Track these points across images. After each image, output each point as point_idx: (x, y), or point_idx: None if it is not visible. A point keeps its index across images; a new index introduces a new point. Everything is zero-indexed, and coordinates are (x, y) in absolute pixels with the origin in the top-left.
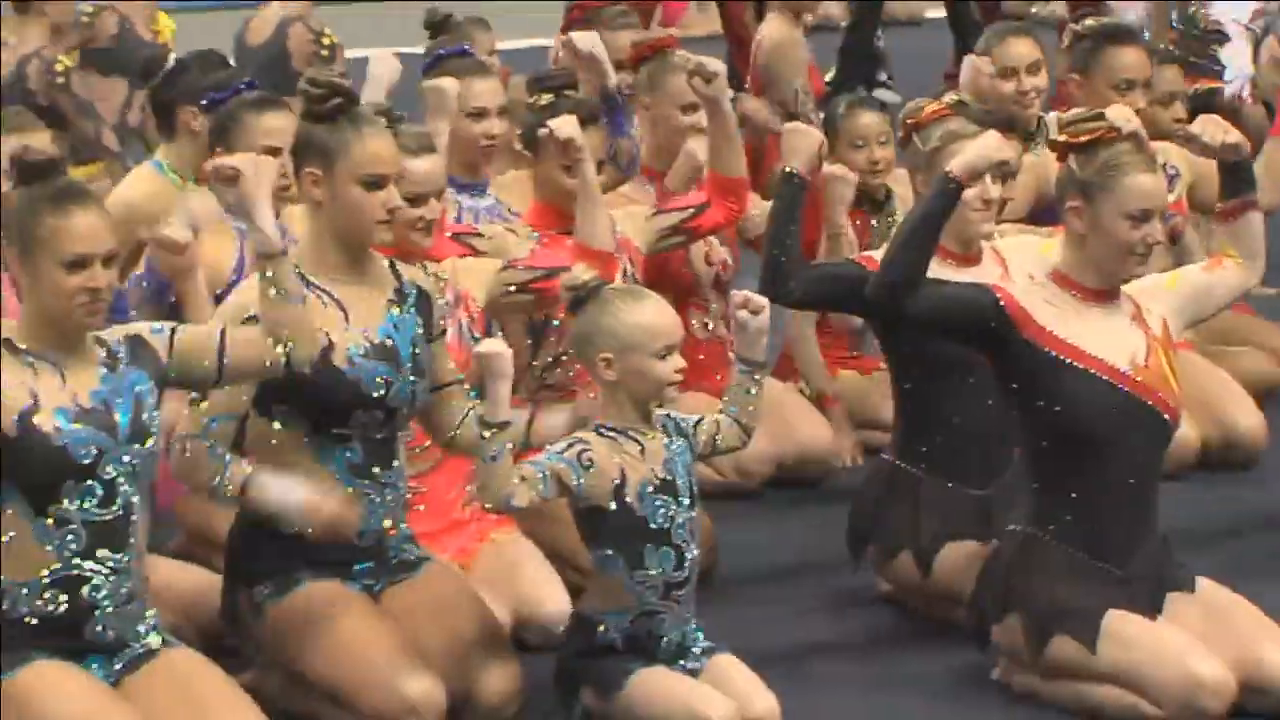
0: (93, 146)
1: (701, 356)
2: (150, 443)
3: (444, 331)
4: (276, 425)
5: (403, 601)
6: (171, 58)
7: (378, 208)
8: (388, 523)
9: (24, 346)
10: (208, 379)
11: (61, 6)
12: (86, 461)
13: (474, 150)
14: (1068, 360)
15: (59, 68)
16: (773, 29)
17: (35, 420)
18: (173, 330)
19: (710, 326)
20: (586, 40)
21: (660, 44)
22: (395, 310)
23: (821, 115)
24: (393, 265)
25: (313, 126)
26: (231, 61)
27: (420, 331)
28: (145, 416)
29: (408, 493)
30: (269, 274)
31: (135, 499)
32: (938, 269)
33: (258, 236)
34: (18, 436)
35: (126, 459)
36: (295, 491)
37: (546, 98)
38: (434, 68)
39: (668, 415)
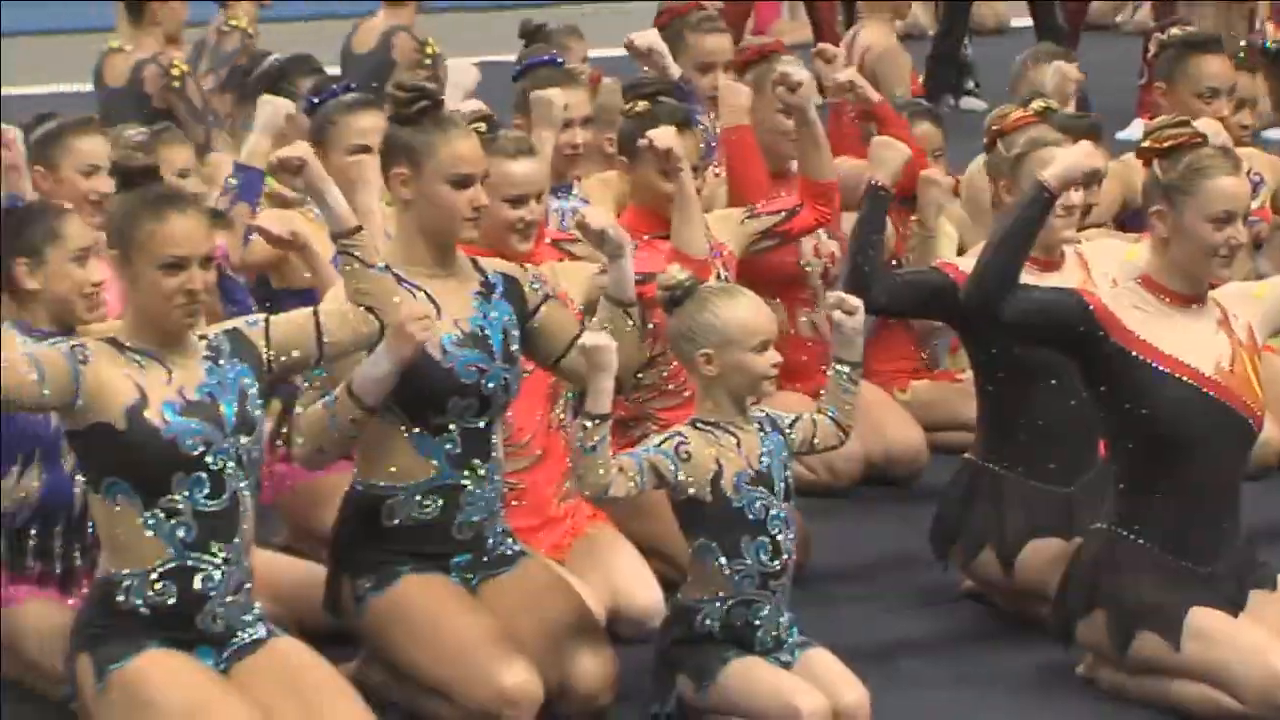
0: (203, 149)
1: (805, 357)
2: (256, 434)
3: (546, 298)
4: (376, 420)
5: (500, 594)
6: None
7: (465, 205)
8: (485, 516)
9: (129, 344)
10: (309, 360)
11: (175, 10)
12: (195, 453)
13: (559, 156)
14: (1154, 364)
15: (175, 72)
16: (877, 36)
17: (144, 415)
18: (267, 321)
19: (817, 325)
20: (644, 38)
21: (767, 49)
22: (483, 301)
23: None
24: (474, 261)
25: (400, 128)
26: (337, 67)
27: (511, 319)
28: (250, 408)
29: (505, 487)
30: (347, 248)
31: (243, 489)
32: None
33: (330, 215)
34: (126, 430)
35: (234, 450)
36: (381, 357)
37: (642, 104)
38: (523, 76)
39: (764, 413)
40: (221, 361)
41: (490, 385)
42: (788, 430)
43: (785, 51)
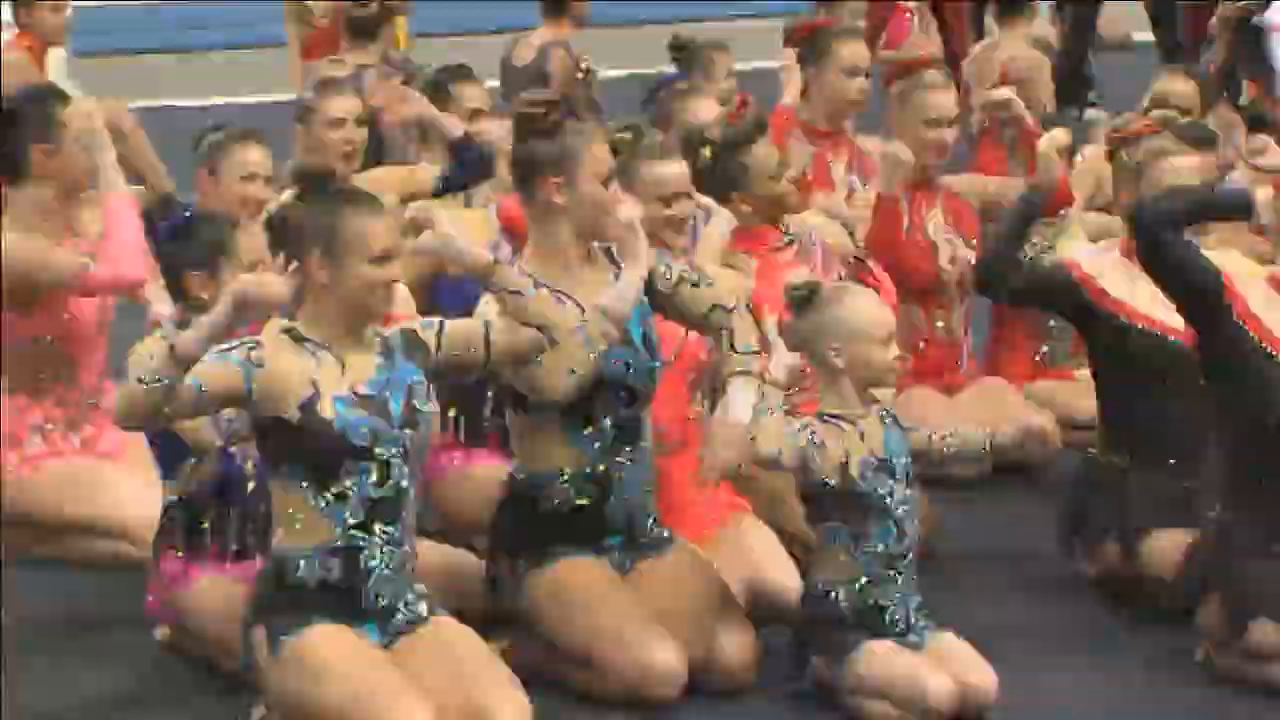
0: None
1: (932, 355)
2: (421, 429)
3: (682, 278)
4: (529, 416)
5: (649, 576)
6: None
7: (614, 200)
8: (637, 500)
9: (308, 335)
10: (476, 365)
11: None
12: (363, 444)
13: None
14: (1267, 348)
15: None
16: (1018, 48)
17: (317, 408)
18: (441, 324)
19: (946, 327)
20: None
21: (918, 64)
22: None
23: None
24: (608, 252)
25: (538, 142)
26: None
27: (645, 308)
28: (417, 404)
29: (654, 474)
30: (496, 286)
31: (406, 478)
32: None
33: (469, 261)
34: (300, 423)
35: (399, 442)
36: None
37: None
38: (657, 92)
39: (887, 411)
40: (393, 359)
41: (637, 378)
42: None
43: (931, 66)
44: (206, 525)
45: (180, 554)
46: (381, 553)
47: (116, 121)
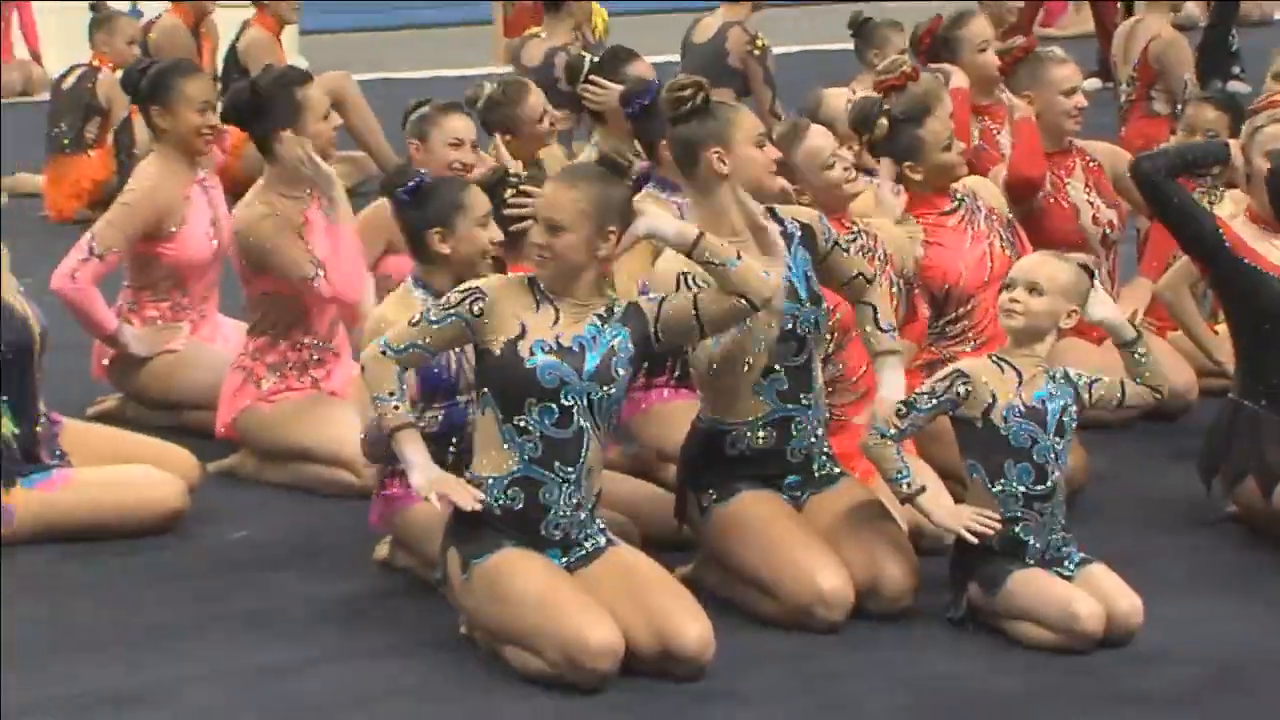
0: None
1: None
2: (612, 388)
3: (836, 242)
4: (723, 366)
5: (822, 508)
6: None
7: (770, 161)
8: (813, 440)
9: (543, 285)
10: (692, 336)
11: (583, 9)
12: (550, 387)
13: None
14: (1259, 266)
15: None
16: (1162, 25)
17: (517, 347)
18: (663, 300)
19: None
20: None
21: (1024, 49)
22: (788, 249)
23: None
24: (772, 211)
25: (693, 123)
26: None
27: (810, 264)
28: (614, 364)
29: (829, 414)
30: (704, 258)
31: (587, 426)
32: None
33: (674, 236)
34: (500, 355)
35: (586, 393)
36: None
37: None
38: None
39: (1063, 370)
40: (609, 322)
41: (803, 327)
42: (1083, 387)
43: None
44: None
45: (399, 478)
46: (560, 490)
47: (340, 93)
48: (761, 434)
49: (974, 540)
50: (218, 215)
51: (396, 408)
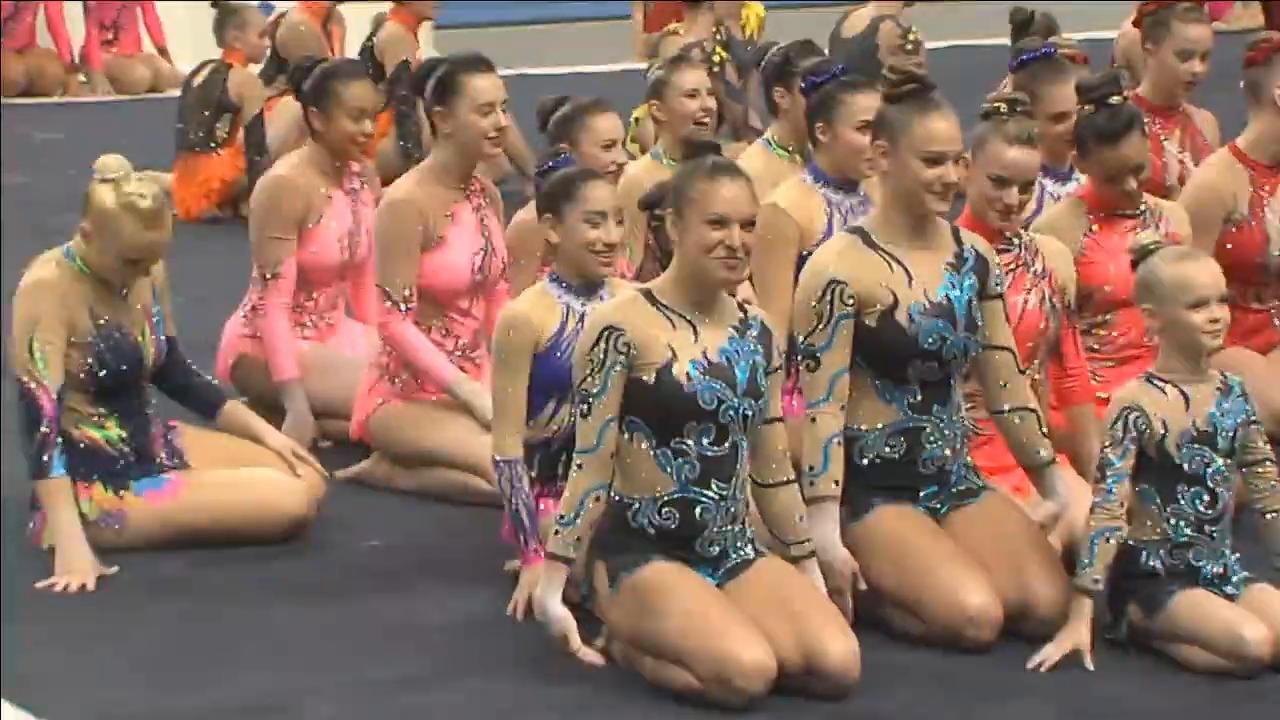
0: (738, 126)
1: (1248, 320)
2: (760, 401)
3: (1000, 294)
4: (852, 373)
5: (964, 522)
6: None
7: (934, 181)
8: (947, 452)
9: (664, 300)
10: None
11: (729, 7)
12: (710, 408)
13: (1060, 143)
14: None
15: (715, 58)
16: None
17: (672, 372)
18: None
19: (1263, 300)
20: None
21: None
22: (953, 273)
23: None
24: (955, 231)
25: (888, 106)
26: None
27: (975, 293)
28: (759, 379)
29: (966, 427)
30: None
31: (741, 440)
32: None
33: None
34: (655, 385)
35: (740, 408)
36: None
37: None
38: (1019, 69)
39: (1239, 383)
40: (746, 335)
41: (951, 351)
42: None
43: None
44: (560, 468)
45: (535, 490)
46: (716, 506)
47: None
48: (889, 443)
49: None
50: (358, 227)
51: (558, 533)
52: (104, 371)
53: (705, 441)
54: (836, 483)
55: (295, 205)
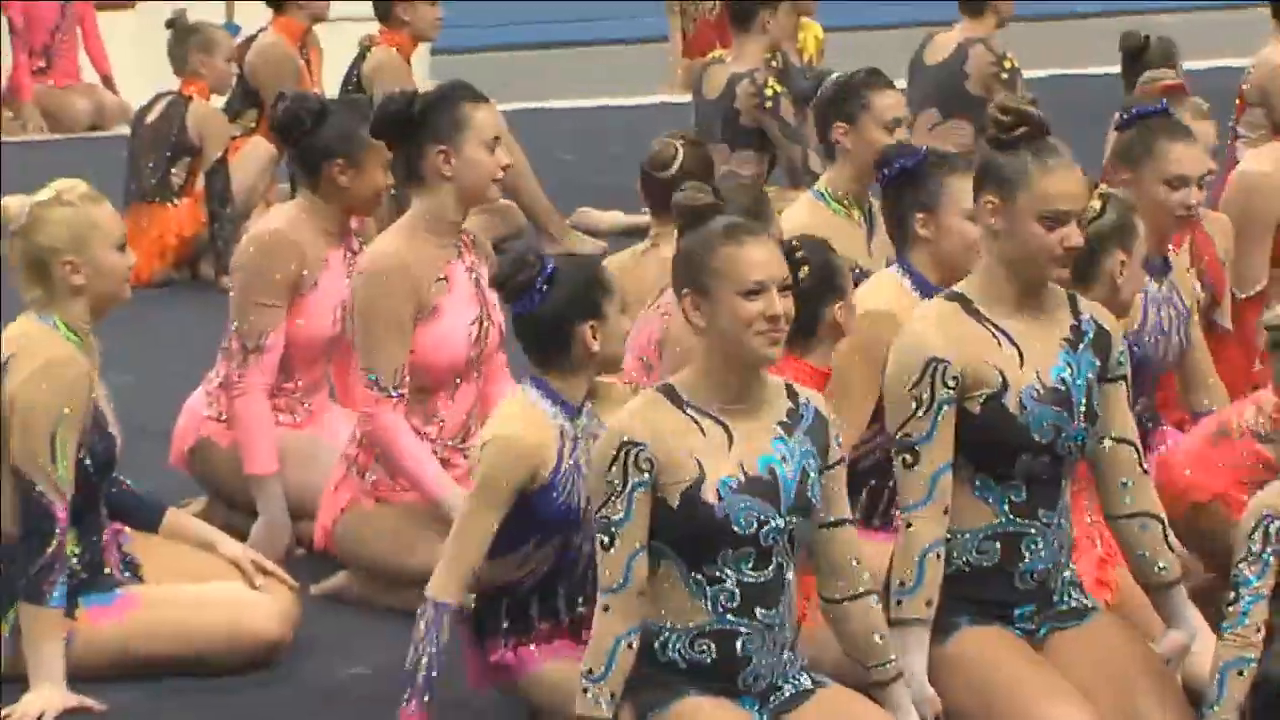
0: (796, 171)
1: None
2: (810, 514)
3: (1124, 376)
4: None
5: (1067, 648)
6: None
7: (1055, 245)
8: (1051, 564)
9: (692, 400)
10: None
11: (785, 27)
12: (747, 533)
13: (1166, 218)
14: None
15: (769, 92)
16: None
17: (701, 493)
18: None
19: None
20: None
21: None
22: (1070, 350)
23: None
24: (1072, 300)
25: (996, 153)
26: (903, 79)
27: (1095, 373)
28: (811, 488)
29: (1073, 534)
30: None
31: (786, 561)
32: None
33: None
34: (679, 508)
35: (785, 527)
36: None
37: None
38: (1129, 127)
39: None
40: (795, 432)
41: (1066, 444)
42: None
43: None
44: (534, 609)
45: (506, 641)
46: (762, 637)
47: None
48: (983, 549)
49: None
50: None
51: (586, 690)
52: (90, 461)
53: (745, 567)
54: (930, 603)
55: (290, 268)
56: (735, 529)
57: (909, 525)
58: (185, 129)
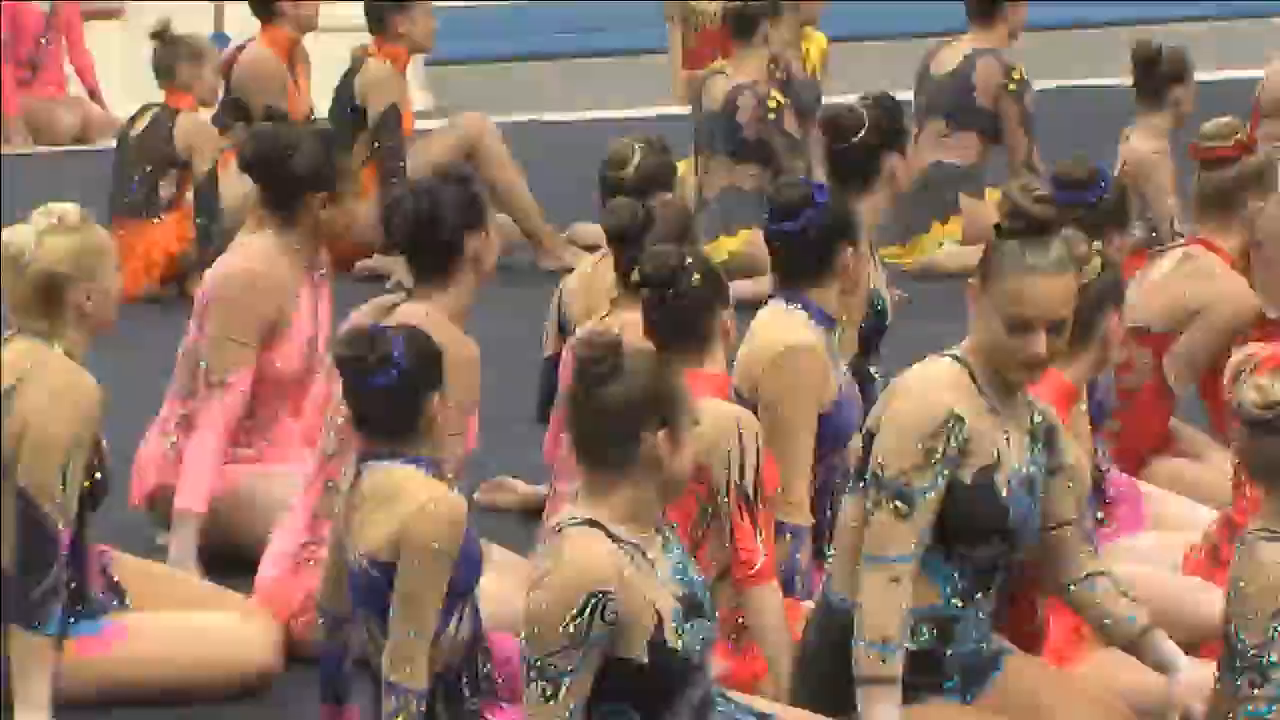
0: None
1: None
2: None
3: (1065, 464)
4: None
5: (998, 695)
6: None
7: (1016, 349)
8: (979, 647)
9: (619, 534)
10: None
11: (787, 36)
12: (699, 660)
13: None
14: None
15: (771, 104)
16: None
17: (665, 638)
18: None
19: None
20: None
21: None
22: (1032, 441)
23: None
24: (1027, 397)
25: (995, 237)
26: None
27: (1046, 467)
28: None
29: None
30: None
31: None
32: None
33: None
34: (648, 663)
35: (712, 638)
36: None
37: None
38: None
39: None
40: (671, 543)
41: (1024, 537)
42: None
43: None
44: (464, 689)
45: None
46: None
47: (476, 140)
48: (918, 630)
49: None
50: (318, 330)
51: None
52: (90, 488)
53: (696, 695)
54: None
55: (271, 308)
56: (693, 662)
57: (895, 580)
58: (172, 141)
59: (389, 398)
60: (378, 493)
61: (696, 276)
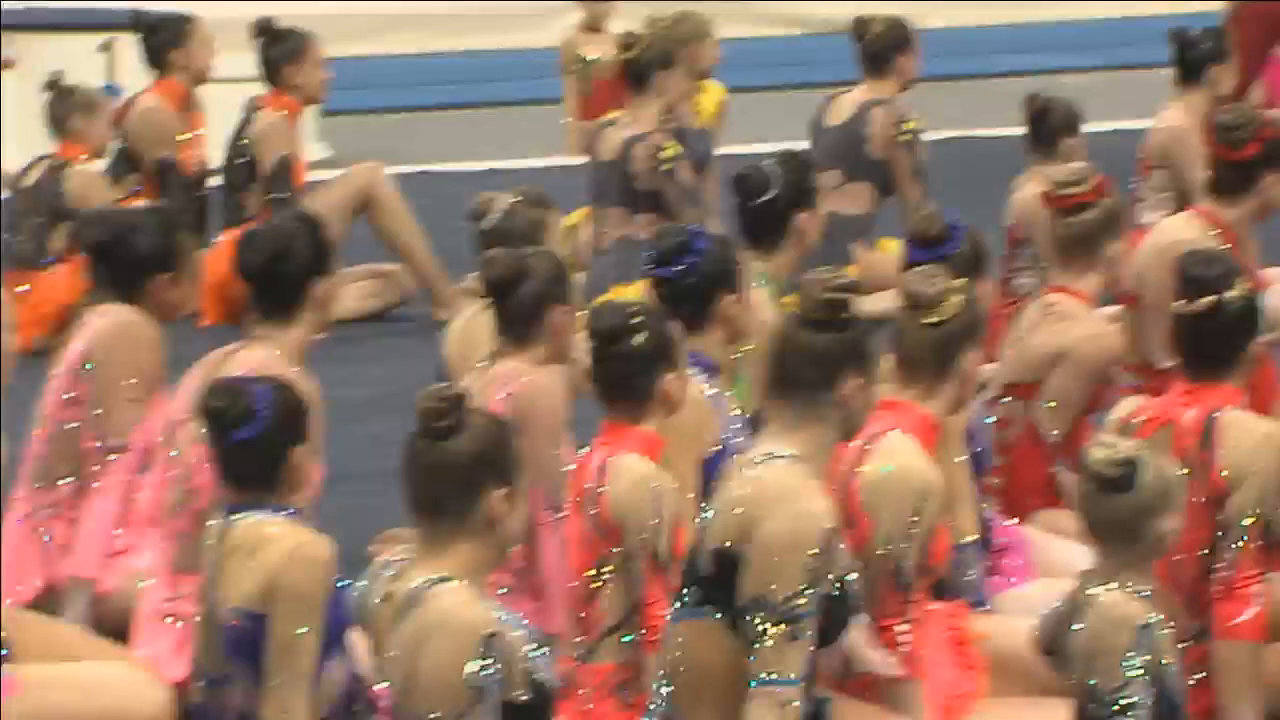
0: None
1: None
2: None
3: None
4: None
5: None
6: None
7: None
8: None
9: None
10: None
11: (681, 89)
12: (555, 686)
13: None
14: None
15: (666, 155)
16: None
17: (540, 673)
18: None
19: None
20: None
21: None
22: None
23: None
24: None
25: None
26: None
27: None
28: None
29: None
30: None
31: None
32: None
33: None
34: (528, 694)
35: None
36: None
37: None
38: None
39: None
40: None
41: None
42: None
43: None
44: None
45: None
46: None
47: (370, 190)
48: None
49: None
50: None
51: None
52: None
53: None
54: None
55: (156, 358)
56: (555, 689)
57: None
58: (64, 193)
59: (253, 450)
60: (245, 544)
61: (642, 337)
